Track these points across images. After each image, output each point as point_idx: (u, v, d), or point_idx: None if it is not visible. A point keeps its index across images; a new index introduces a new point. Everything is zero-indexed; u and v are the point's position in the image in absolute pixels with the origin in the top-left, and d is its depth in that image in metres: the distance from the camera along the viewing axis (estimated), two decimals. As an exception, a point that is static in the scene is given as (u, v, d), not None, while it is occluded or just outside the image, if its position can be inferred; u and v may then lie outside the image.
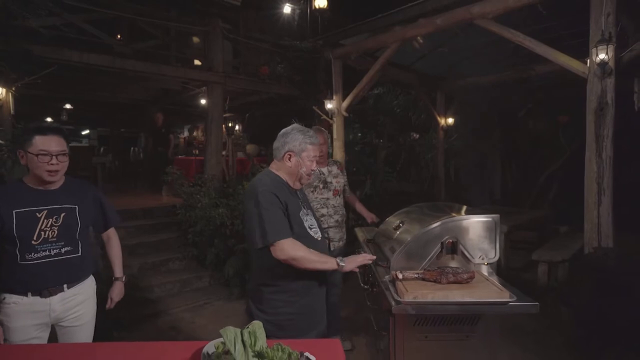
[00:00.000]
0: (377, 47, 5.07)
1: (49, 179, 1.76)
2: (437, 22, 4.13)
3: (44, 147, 1.72)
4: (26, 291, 1.74)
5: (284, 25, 8.80)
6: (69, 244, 1.82)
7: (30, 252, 1.72)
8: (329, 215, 3.04)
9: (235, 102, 8.19)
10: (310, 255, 1.69)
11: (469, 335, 1.85)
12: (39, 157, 1.71)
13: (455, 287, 1.69)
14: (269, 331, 1.58)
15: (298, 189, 1.91)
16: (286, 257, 1.66)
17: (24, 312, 1.74)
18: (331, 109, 5.35)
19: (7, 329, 1.72)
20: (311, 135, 1.88)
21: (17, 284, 1.73)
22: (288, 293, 1.75)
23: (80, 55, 4.98)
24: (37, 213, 1.74)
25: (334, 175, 3.10)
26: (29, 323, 1.75)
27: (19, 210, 1.71)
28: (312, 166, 1.84)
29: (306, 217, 1.85)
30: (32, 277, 1.73)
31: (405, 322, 1.82)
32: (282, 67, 7.50)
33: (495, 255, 1.98)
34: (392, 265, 1.96)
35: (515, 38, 3.73)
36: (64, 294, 1.81)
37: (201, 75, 6.20)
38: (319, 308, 1.86)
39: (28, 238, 1.71)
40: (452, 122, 7.29)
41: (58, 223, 1.78)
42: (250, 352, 1.19)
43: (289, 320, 1.74)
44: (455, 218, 1.94)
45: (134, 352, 1.51)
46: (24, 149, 1.73)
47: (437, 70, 6.57)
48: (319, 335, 1.84)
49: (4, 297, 1.73)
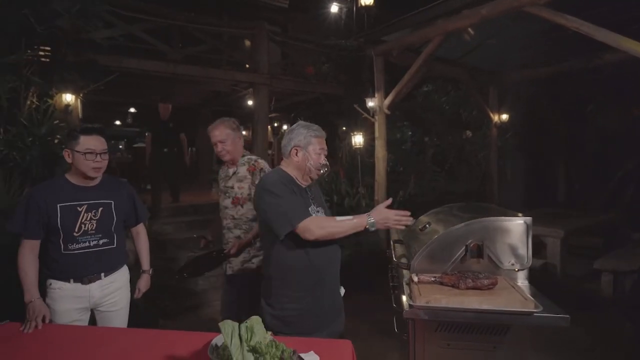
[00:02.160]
0: (420, 42, 4.89)
1: (94, 175, 1.92)
2: (482, 12, 3.89)
3: (90, 146, 1.87)
4: (69, 278, 1.91)
5: (331, 24, 8.83)
6: (106, 236, 1.97)
7: (72, 243, 1.89)
8: (227, 228, 2.47)
9: (282, 102, 8.37)
10: (337, 224, 1.68)
11: (497, 346, 1.72)
12: (85, 155, 1.87)
13: (474, 293, 1.58)
14: (275, 327, 1.67)
15: (307, 185, 1.89)
16: (315, 235, 1.64)
17: (67, 296, 1.91)
18: (373, 107, 5.26)
19: (53, 311, 1.89)
20: (315, 129, 1.87)
21: (61, 271, 1.91)
22: (294, 288, 1.73)
23: (138, 63, 5.39)
24: (78, 207, 1.90)
25: (239, 178, 2.44)
26: (72, 307, 1.92)
27: (62, 204, 1.87)
28: (320, 159, 1.82)
29: (314, 212, 1.82)
30: (74, 265, 1.90)
31: (425, 327, 1.74)
32: (328, 66, 7.52)
33: (527, 261, 1.82)
34: (413, 267, 1.88)
35: (571, 24, 3.41)
36: (101, 282, 1.97)
37: (247, 77, 6.42)
38: (329, 307, 1.81)
39: (70, 230, 1.88)
40: (507, 118, 6.83)
41: (96, 217, 1.93)
42: (245, 346, 1.21)
43: (295, 316, 1.72)
44: (481, 219, 1.81)
45: (154, 338, 1.60)
46: (71, 148, 1.89)
47: (489, 64, 6.19)
48: (332, 336, 1.79)
49: (50, 283, 1.92)
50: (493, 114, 6.82)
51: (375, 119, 5.31)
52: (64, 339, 1.58)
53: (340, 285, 1.97)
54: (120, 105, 8.48)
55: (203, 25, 6.35)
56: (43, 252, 1.89)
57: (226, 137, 2.39)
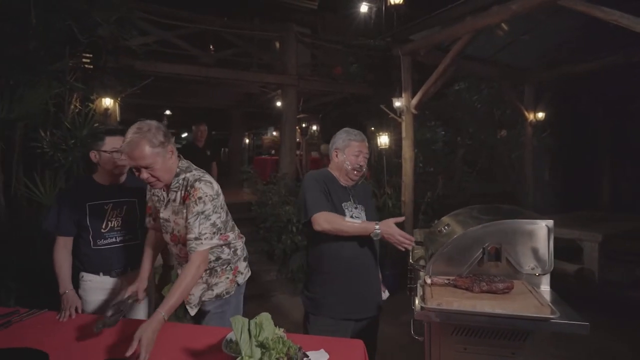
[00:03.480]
0: (448, 41, 4.78)
1: (119, 172, 2.05)
2: (512, 7, 3.75)
3: (116, 145, 1.99)
4: (98, 271, 2.05)
5: (360, 24, 8.81)
6: (130, 233, 2.09)
7: (100, 239, 2.03)
8: (176, 264, 1.98)
9: (311, 103, 8.45)
10: (344, 222, 1.85)
11: (515, 352, 1.67)
12: (113, 154, 2.00)
13: (488, 297, 1.55)
14: (308, 307, 2.02)
15: (351, 185, 2.07)
16: (322, 227, 1.86)
17: (97, 288, 2.06)
18: (399, 107, 5.21)
19: (85, 301, 2.04)
20: (355, 134, 2.07)
21: (91, 265, 2.05)
22: (324, 274, 1.97)
23: (171, 67, 5.62)
24: (105, 205, 2.03)
25: (174, 209, 1.76)
26: (101, 298, 2.06)
27: (91, 203, 2.02)
28: (357, 160, 2.00)
29: (353, 209, 2.01)
30: (103, 259, 2.04)
31: (441, 330, 1.72)
32: (356, 67, 7.51)
33: (549, 266, 1.76)
34: (428, 269, 1.87)
35: (610, 17, 3.23)
36: (127, 275, 2.08)
37: (276, 78, 6.53)
38: (359, 297, 1.98)
39: (98, 227, 2.02)
40: (543, 116, 6.53)
41: (121, 214, 2.06)
42: (254, 341, 1.26)
43: (323, 299, 1.96)
44: (499, 222, 1.77)
45: (172, 331, 1.68)
46: (97, 149, 2.03)
47: (523, 61, 5.95)
48: (361, 328, 1.98)
49: (82, 276, 2.07)
50: (528, 112, 6.55)
51: (403, 118, 5.25)
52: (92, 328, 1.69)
53: (385, 289, 2.17)
54: (156, 108, 8.88)
55: (235, 30, 6.53)
56: (75, 247, 2.04)
57: (152, 160, 1.62)
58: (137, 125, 1.62)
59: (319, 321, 1.99)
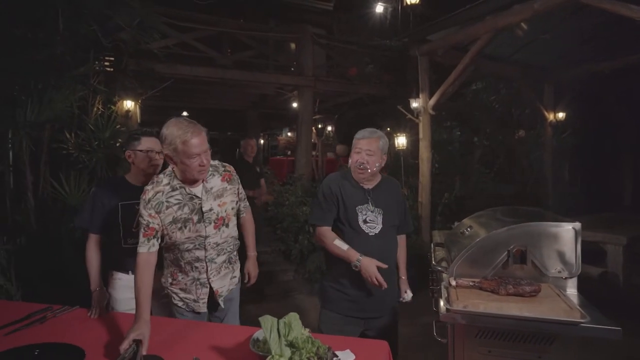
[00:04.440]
0: (467, 40, 4.75)
1: (152, 171, 2.09)
2: (534, 6, 3.71)
3: (151, 145, 2.07)
4: (128, 270, 2.09)
5: (376, 25, 8.79)
6: None
7: (131, 238, 2.07)
8: (209, 259, 1.86)
9: (327, 103, 8.46)
10: (332, 243, 1.95)
11: (541, 356, 1.66)
12: (148, 153, 2.06)
13: (515, 300, 1.54)
14: (320, 300, 2.13)
15: (368, 184, 2.06)
16: (317, 240, 2.07)
17: (127, 287, 2.09)
18: (417, 108, 5.19)
19: (115, 300, 2.10)
20: (363, 132, 2.06)
21: (121, 263, 2.10)
22: (335, 271, 2.05)
23: (190, 69, 5.72)
24: (136, 205, 2.07)
25: (216, 193, 1.86)
26: (130, 296, 2.09)
27: (123, 202, 2.07)
28: (358, 158, 2.00)
29: (367, 211, 2.00)
30: (132, 258, 2.08)
31: (465, 333, 1.71)
32: (372, 67, 7.49)
33: (576, 269, 1.74)
34: (452, 271, 1.86)
35: (636, 14, 3.17)
36: (155, 274, 2.13)
37: (292, 79, 6.57)
38: (371, 298, 1.99)
39: (129, 226, 2.06)
40: (563, 116, 6.41)
41: None
42: (283, 340, 1.28)
43: (333, 294, 2.05)
44: (524, 224, 1.76)
45: (197, 329, 1.72)
46: (133, 149, 2.09)
47: (543, 60, 5.85)
48: (371, 328, 2.03)
49: (113, 274, 2.12)
50: (548, 112, 6.44)
51: (420, 119, 5.23)
52: (122, 325, 1.74)
53: (407, 290, 2.18)
54: (174, 110, 9.02)
55: (251, 32, 6.59)
56: (107, 246, 2.09)
57: (206, 146, 1.76)
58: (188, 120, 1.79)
59: (326, 315, 2.06)
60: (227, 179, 1.92)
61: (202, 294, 1.89)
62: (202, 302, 1.90)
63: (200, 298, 1.89)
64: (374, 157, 1.97)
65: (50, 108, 3.26)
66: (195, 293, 1.89)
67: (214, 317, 2.01)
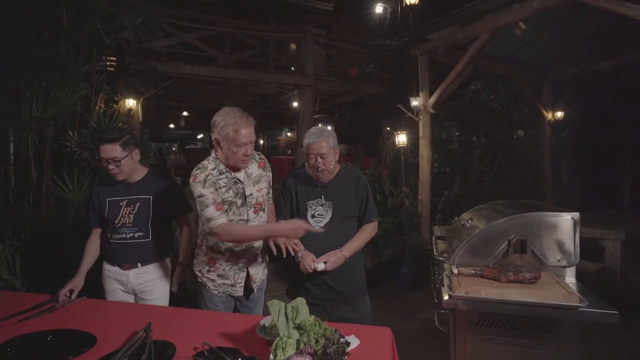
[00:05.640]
0: (467, 39, 4.79)
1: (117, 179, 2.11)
2: (534, 5, 3.75)
3: (105, 155, 2.02)
4: (113, 262, 2.17)
5: (375, 25, 8.85)
6: (141, 230, 2.13)
7: (115, 233, 2.13)
8: (249, 244, 1.98)
9: (327, 103, 8.51)
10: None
11: (541, 343, 1.70)
12: (103, 163, 2.06)
13: (515, 286, 1.58)
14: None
15: (326, 182, 2.07)
16: None
17: (112, 278, 2.17)
18: (417, 107, 5.23)
19: (104, 290, 2.19)
20: (310, 135, 2.02)
21: (108, 256, 2.18)
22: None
23: (192, 69, 5.75)
24: (120, 202, 2.13)
25: (255, 179, 1.99)
26: (116, 287, 2.18)
27: (110, 199, 2.13)
28: (314, 164, 2.00)
29: (318, 206, 2.05)
30: (115, 252, 2.15)
31: (466, 321, 1.75)
32: (372, 67, 7.54)
33: (574, 258, 1.78)
34: (453, 261, 1.90)
35: (634, 13, 3.21)
36: (137, 270, 2.16)
37: (293, 79, 6.61)
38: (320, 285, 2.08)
39: (113, 221, 2.12)
40: (562, 116, 6.46)
41: (134, 211, 2.12)
42: (291, 324, 1.31)
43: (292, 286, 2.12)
44: (524, 214, 1.80)
45: (205, 318, 1.75)
46: None
47: (542, 59, 5.91)
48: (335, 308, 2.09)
49: (102, 265, 2.21)
50: (547, 111, 6.49)
51: (420, 118, 5.27)
52: (130, 315, 1.77)
53: (325, 261, 2.00)
54: (175, 109, 9.07)
55: (252, 31, 6.64)
56: (102, 239, 2.20)
57: (247, 135, 1.85)
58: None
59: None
60: (262, 166, 2.04)
61: (239, 278, 1.98)
62: (239, 286, 1.98)
63: (238, 282, 1.98)
64: (328, 157, 1.98)
65: (55, 105, 3.29)
66: (232, 278, 1.98)
67: (244, 306, 2.06)
